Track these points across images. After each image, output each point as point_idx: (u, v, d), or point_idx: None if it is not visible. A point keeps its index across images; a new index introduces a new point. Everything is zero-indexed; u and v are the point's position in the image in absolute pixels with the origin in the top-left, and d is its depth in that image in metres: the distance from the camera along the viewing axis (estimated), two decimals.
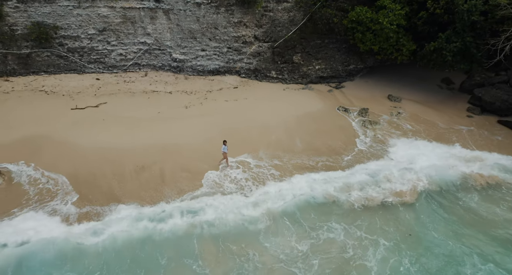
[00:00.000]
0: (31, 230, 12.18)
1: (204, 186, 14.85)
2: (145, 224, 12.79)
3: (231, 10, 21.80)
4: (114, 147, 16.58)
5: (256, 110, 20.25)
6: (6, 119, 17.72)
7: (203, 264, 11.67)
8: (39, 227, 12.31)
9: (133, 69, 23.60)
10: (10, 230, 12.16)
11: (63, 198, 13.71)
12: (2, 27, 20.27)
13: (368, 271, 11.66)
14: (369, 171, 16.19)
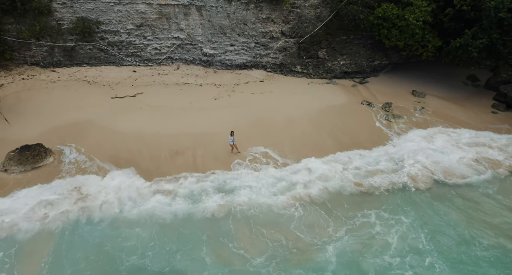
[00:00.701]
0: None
1: (233, 172, 16.00)
2: (181, 203, 14.08)
3: (260, 7, 22.81)
4: (150, 132, 18.06)
5: (281, 103, 21.23)
6: (54, 106, 19.55)
7: (238, 245, 12.72)
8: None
9: (166, 63, 25.07)
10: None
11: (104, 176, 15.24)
12: (50, 21, 22.17)
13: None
14: (391, 160, 16.90)
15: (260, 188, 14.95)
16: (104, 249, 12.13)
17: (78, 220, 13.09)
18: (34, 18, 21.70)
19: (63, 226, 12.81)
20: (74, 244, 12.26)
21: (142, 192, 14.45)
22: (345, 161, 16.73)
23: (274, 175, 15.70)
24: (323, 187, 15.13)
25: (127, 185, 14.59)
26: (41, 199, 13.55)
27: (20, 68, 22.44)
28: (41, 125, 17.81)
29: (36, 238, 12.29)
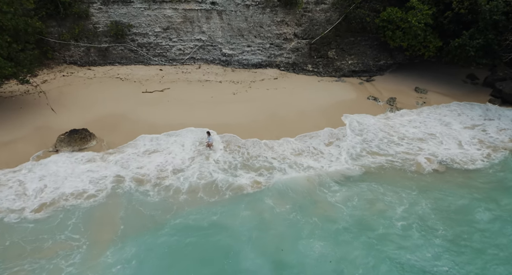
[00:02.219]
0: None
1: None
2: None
3: (275, 11, 25.13)
4: (177, 123, 20.40)
5: (294, 98, 23.39)
6: (92, 99, 22.03)
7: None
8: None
9: (189, 62, 27.51)
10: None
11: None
12: (87, 25, 24.85)
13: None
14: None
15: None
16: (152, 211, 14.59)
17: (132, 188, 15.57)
18: (74, 22, 24.39)
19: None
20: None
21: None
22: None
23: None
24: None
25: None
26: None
27: (60, 67, 25.13)
28: (82, 116, 20.25)
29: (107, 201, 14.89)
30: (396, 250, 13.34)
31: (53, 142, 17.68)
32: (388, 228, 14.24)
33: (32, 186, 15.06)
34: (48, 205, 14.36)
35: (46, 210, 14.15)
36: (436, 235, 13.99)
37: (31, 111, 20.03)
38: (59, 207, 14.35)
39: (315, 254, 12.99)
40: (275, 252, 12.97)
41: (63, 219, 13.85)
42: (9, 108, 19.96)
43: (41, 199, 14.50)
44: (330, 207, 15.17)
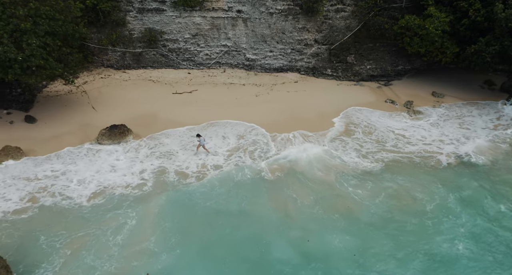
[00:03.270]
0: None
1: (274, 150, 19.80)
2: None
3: (297, 18, 26.63)
4: (205, 121, 22.13)
5: (313, 100, 24.71)
6: (128, 99, 24.08)
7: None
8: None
9: (214, 66, 29.33)
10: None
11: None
12: (124, 31, 27.10)
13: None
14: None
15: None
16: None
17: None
18: (112, 28, 26.68)
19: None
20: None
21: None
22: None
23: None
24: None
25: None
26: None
27: (99, 69, 27.46)
28: (119, 113, 22.26)
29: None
30: (422, 242, 14.24)
31: (95, 136, 19.70)
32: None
33: (84, 175, 16.96)
34: (98, 193, 16.14)
35: (98, 197, 15.89)
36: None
37: (75, 109, 22.24)
38: (109, 194, 16.11)
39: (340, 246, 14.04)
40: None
41: (115, 204, 15.61)
42: (55, 106, 22.25)
43: (91, 187, 16.30)
44: (353, 200, 16.36)
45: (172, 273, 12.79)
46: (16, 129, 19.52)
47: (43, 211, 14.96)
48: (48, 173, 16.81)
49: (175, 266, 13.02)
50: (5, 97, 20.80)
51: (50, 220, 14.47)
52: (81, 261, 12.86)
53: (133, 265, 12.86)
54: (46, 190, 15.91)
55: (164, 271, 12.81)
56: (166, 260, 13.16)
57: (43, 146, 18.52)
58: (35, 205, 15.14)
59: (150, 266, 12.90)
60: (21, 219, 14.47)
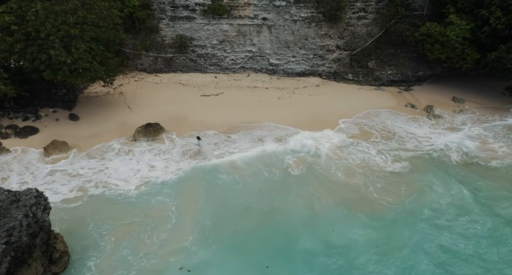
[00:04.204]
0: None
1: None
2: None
3: (320, 25, 27.81)
4: (231, 122, 23.51)
5: (335, 103, 25.71)
6: (160, 100, 25.80)
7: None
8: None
9: (239, 71, 30.83)
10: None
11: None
12: (157, 38, 29.06)
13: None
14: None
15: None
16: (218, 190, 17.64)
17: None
18: (146, 35, 28.69)
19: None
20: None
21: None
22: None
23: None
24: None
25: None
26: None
27: (132, 73, 29.48)
28: (152, 113, 23.92)
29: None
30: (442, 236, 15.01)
31: (131, 133, 21.42)
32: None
33: (125, 169, 18.54)
34: (142, 184, 17.57)
35: (142, 188, 17.32)
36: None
37: (112, 108, 24.13)
38: (152, 183, 17.57)
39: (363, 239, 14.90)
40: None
41: (157, 192, 17.07)
42: (95, 105, 24.23)
43: (133, 181, 17.76)
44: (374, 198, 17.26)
45: (206, 265, 13.61)
46: (61, 126, 21.50)
47: (92, 200, 16.41)
48: (93, 166, 18.48)
49: (209, 259, 13.88)
50: (52, 97, 22.90)
51: (98, 209, 15.84)
52: (123, 249, 14.01)
53: (169, 261, 13.63)
54: (92, 182, 17.43)
55: (199, 264, 13.59)
56: (201, 253, 14.06)
57: (86, 142, 20.33)
58: (84, 195, 16.67)
59: (185, 258, 13.77)
60: (71, 207, 15.89)
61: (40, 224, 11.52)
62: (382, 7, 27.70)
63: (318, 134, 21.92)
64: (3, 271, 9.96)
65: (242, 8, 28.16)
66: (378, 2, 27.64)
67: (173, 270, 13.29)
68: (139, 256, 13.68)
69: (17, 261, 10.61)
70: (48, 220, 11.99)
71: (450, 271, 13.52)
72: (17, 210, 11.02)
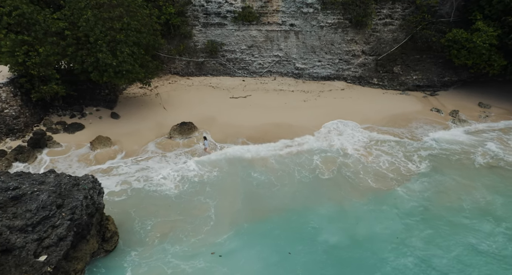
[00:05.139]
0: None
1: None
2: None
3: (346, 31, 28.70)
4: (259, 122, 24.68)
5: (359, 106, 26.42)
6: (192, 101, 27.36)
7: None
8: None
9: (266, 75, 32.09)
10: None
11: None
12: (189, 43, 30.80)
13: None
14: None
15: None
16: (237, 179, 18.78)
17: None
18: (180, 40, 30.50)
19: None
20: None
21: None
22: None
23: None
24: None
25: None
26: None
27: (166, 76, 31.33)
28: (185, 113, 25.43)
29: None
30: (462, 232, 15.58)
31: (167, 131, 22.99)
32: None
33: (166, 167, 19.89)
34: (180, 180, 18.83)
35: (182, 187, 18.49)
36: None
37: (149, 108, 25.87)
38: (190, 184, 18.72)
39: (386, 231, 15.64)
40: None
41: (199, 188, 18.28)
42: (133, 105, 26.06)
43: (174, 177, 19.02)
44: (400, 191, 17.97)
45: (238, 250, 14.68)
46: (104, 123, 23.37)
47: (136, 194, 17.65)
48: (135, 163, 19.97)
49: (241, 245, 14.99)
50: (95, 97, 24.89)
51: (142, 204, 17.01)
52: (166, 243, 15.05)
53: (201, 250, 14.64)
54: (135, 178, 18.73)
55: (231, 250, 14.69)
56: (234, 241, 15.20)
57: (127, 138, 22.01)
58: (128, 188, 18.01)
59: (219, 246, 14.92)
60: (117, 200, 17.08)
61: (96, 206, 13.03)
62: (408, 14, 28.28)
63: (345, 135, 22.75)
64: (68, 243, 11.45)
65: (271, 15, 29.48)
66: (405, 9, 28.25)
67: (205, 255, 14.38)
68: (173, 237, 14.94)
69: (78, 236, 12.11)
70: (103, 203, 13.50)
71: (467, 266, 14.00)
72: (78, 192, 12.57)
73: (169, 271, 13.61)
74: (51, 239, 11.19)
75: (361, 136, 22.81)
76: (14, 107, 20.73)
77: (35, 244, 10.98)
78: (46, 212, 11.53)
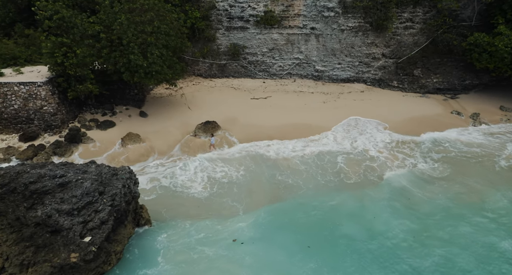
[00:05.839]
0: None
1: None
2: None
3: (367, 34, 29.20)
4: (278, 122, 25.40)
5: (379, 108, 26.81)
6: (215, 102, 28.37)
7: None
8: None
9: (286, 77, 32.86)
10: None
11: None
12: (213, 46, 31.95)
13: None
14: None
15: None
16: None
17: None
18: (204, 43, 31.67)
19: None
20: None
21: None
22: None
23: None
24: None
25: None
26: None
27: (190, 78, 32.56)
28: (208, 113, 26.39)
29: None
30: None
31: (192, 129, 24.04)
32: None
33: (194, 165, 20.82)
34: (208, 180, 19.63)
35: (208, 186, 19.20)
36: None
37: (174, 108, 27.03)
38: (218, 182, 19.52)
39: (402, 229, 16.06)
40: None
41: (227, 188, 19.03)
42: (160, 105, 27.30)
43: (200, 176, 19.88)
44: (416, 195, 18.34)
45: (257, 240, 15.45)
46: (134, 121, 24.63)
47: (164, 192, 18.45)
48: (164, 162, 20.98)
49: (259, 235, 15.80)
50: (125, 96, 26.24)
51: (171, 202, 17.74)
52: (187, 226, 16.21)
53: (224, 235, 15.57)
54: (163, 177, 19.58)
55: (252, 239, 15.52)
56: (256, 231, 15.99)
57: (154, 135, 23.12)
58: (156, 185, 18.89)
59: (241, 235, 15.71)
60: (147, 199, 17.76)
61: (132, 194, 14.05)
62: (429, 18, 28.54)
63: (367, 135, 23.30)
64: (109, 226, 12.48)
65: (292, 18, 30.31)
66: (426, 13, 28.53)
67: (228, 243, 15.19)
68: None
69: (117, 221, 13.14)
70: (138, 192, 14.53)
71: (487, 265, 14.22)
72: (117, 181, 13.63)
73: (195, 256, 14.43)
74: (95, 222, 12.23)
75: (382, 137, 23.21)
76: (52, 105, 22.21)
77: (81, 226, 12.04)
78: (89, 198, 12.62)
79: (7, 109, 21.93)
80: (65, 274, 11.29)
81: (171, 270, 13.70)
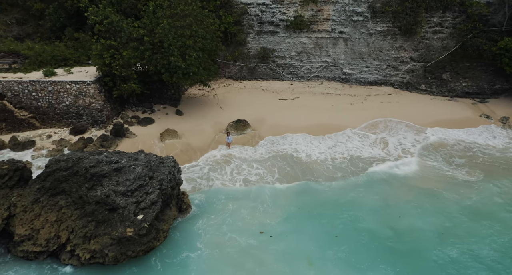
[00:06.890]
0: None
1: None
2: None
3: (395, 38, 29.79)
4: (305, 123, 26.39)
5: (406, 110, 27.27)
6: (244, 102, 29.74)
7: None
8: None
9: (313, 79, 33.85)
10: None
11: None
12: (244, 49, 33.45)
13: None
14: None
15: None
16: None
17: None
18: (235, 47, 33.22)
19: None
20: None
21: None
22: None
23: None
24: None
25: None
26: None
27: (221, 79, 34.16)
28: (238, 113, 27.66)
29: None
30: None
31: (224, 127, 25.48)
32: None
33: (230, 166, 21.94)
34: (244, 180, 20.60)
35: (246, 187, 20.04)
36: None
37: (207, 107, 28.63)
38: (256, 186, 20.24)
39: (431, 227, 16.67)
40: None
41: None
42: (194, 104, 28.99)
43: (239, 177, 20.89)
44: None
45: (287, 232, 16.42)
46: (171, 119, 26.39)
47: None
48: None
49: (289, 229, 16.79)
50: (163, 96, 28.11)
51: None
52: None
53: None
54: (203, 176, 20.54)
55: (281, 232, 16.54)
56: (285, 225, 16.93)
57: (190, 132, 24.67)
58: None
59: (270, 227, 16.72)
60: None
61: (177, 181, 15.51)
62: (459, 23, 28.81)
63: (398, 137, 24.18)
64: (158, 207, 13.94)
65: (321, 23, 31.37)
66: (455, 17, 28.82)
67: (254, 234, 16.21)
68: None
69: (164, 204, 14.60)
70: (181, 179, 15.97)
71: None
72: (163, 168, 15.12)
73: (227, 242, 15.56)
74: (146, 203, 13.72)
75: (413, 138, 23.75)
76: (99, 102, 24.29)
77: (134, 206, 13.56)
78: (141, 181, 14.15)
79: (59, 105, 24.18)
80: (122, 246, 12.78)
81: (208, 255, 14.82)
